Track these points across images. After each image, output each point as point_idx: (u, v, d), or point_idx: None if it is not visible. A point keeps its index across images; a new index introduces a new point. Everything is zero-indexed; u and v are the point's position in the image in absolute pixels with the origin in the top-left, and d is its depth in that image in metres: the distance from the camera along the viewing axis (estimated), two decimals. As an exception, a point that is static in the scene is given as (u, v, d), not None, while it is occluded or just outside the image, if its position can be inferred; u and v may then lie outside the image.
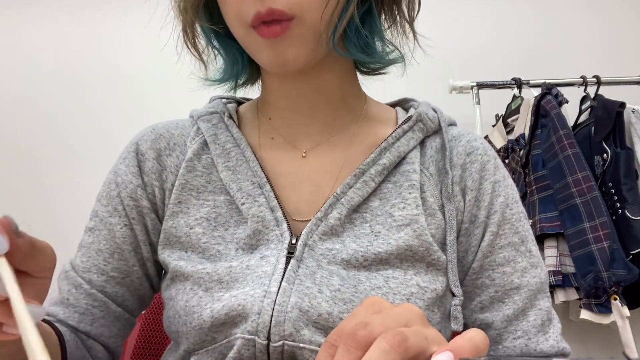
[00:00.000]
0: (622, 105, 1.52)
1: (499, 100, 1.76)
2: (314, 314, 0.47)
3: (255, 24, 0.48)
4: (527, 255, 0.57)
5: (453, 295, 0.54)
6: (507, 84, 1.72)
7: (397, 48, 0.57)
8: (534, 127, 1.59)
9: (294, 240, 0.51)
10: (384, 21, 0.57)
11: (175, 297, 0.53)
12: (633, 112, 1.54)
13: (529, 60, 1.94)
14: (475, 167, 0.58)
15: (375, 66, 0.61)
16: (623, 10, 1.98)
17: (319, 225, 0.52)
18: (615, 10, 1.98)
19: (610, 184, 1.46)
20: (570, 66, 1.81)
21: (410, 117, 0.59)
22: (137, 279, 0.59)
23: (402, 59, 0.58)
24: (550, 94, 1.59)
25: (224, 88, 0.62)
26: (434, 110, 0.61)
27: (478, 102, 1.72)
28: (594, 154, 1.52)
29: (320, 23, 0.49)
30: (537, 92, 1.64)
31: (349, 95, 0.60)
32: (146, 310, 0.90)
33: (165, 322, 0.56)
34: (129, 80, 2.03)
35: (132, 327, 0.61)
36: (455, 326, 0.53)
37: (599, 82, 1.64)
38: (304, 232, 0.52)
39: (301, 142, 0.59)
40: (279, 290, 0.47)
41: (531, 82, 1.69)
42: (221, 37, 0.58)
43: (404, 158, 0.57)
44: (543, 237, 1.48)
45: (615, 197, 1.44)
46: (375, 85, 0.64)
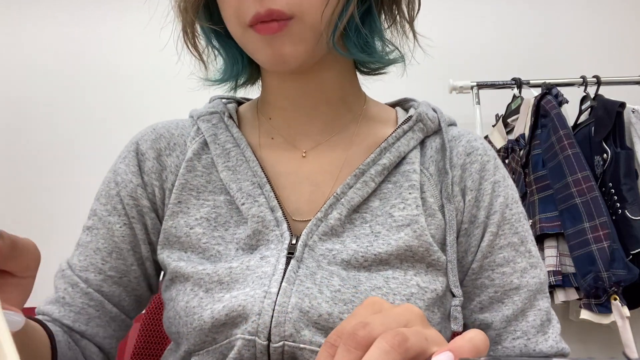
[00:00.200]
0: (622, 105, 1.52)
1: (499, 100, 1.76)
2: (315, 315, 0.47)
3: (253, 23, 0.48)
4: (526, 255, 0.57)
5: (453, 295, 0.54)
6: (507, 84, 1.72)
7: (397, 48, 0.57)
8: (534, 127, 1.59)
9: (294, 241, 0.51)
10: (383, 21, 0.57)
11: (175, 297, 0.53)
12: (633, 112, 1.54)
13: (529, 60, 1.94)
14: (475, 168, 0.58)
15: (375, 66, 0.61)
16: (623, 10, 1.98)
17: (319, 226, 0.52)
18: (615, 10, 1.98)
19: (610, 184, 1.46)
20: (570, 66, 1.80)
21: (411, 117, 0.59)
22: (135, 279, 0.58)
23: (402, 59, 0.57)
24: (550, 94, 1.59)
25: (224, 88, 0.62)
26: (434, 110, 0.61)
27: (478, 102, 1.72)
28: (594, 154, 1.52)
29: (321, 22, 0.49)
30: (537, 92, 1.64)
31: (349, 95, 0.60)
32: (146, 310, 0.90)
33: (165, 323, 0.56)
34: (129, 80, 2.03)
35: (128, 328, 0.60)
36: (455, 326, 0.53)
37: (599, 82, 1.64)
38: (304, 233, 0.52)
39: (301, 142, 0.59)
40: (279, 290, 0.47)
41: (531, 82, 1.69)
42: (221, 37, 0.58)
43: (404, 158, 0.57)
44: (543, 237, 1.48)
45: (615, 197, 1.44)
46: (375, 85, 0.64)
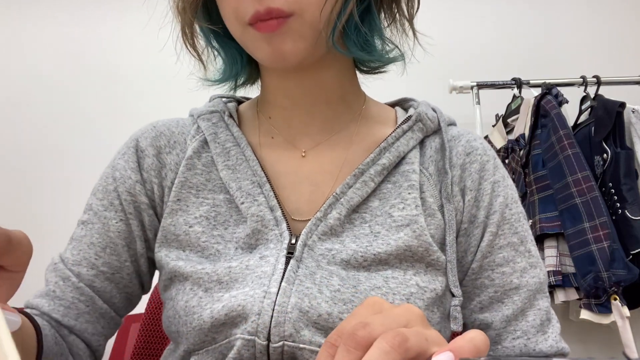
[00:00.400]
0: (622, 105, 1.52)
1: (499, 100, 1.76)
2: (314, 315, 0.47)
3: (253, 21, 0.48)
4: (526, 255, 0.57)
5: (452, 295, 0.54)
6: (507, 84, 1.71)
7: (397, 46, 0.57)
8: (534, 127, 1.59)
9: (293, 240, 0.51)
10: (383, 19, 0.57)
11: (175, 297, 0.53)
12: (633, 112, 1.54)
13: (529, 60, 1.94)
14: (474, 167, 0.58)
15: (375, 65, 0.60)
16: (623, 10, 1.98)
17: (319, 225, 0.52)
18: (615, 10, 1.98)
19: (610, 184, 1.46)
20: (570, 66, 1.80)
21: (410, 117, 0.59)
22: (127, 276, 0.58)
23: (402, 57, 0.57)
24: (550, 94, 1.59)
25: (224, 88, 0.62)
26: (434, 110, 0.61)
27: (478, 102, 1.72)
28: (594, 154, 1.52)
29: (320, 20, 0.49)
30: (537, 92, 1.64)
31: (348, 93, 0.60)
32: (146, 310, 0.90)
33: (164, 322, 0.56)
34: (129, 80, 2.03)
35: (117, 327, 0.60)
36: (455, 326, 0.53)
37: (599, 82, 1.64)
38: (303, 232, 0.52)
39: (301, 141, 0.59)
40: (278, 290, 0.47)
41: (531, 82, 1.69)
42: (220, 37, 0.57)
43: (403, 158, 0.57)
44: (543, 237, 1.48)
45: (615, 197, 1.44)
46: (375, 84, 0.64)
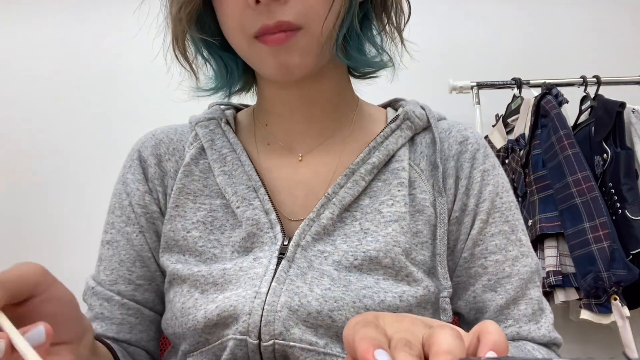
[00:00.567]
0: (622, 105, 1.52)
1: (499, 100, 1.76)
2: (304, 313, 0.47)
3: (260, 35, 0.48)
4: (517, 244, 0.57)
5: (443, 288, 0.54)
6: (507, 84, 1.71)
7: (390, 56, 0.58)
8: (534, 127, 1.59)
9: (286, 242, 0.52)
10: (374, 27, 0.57)
11: (173, 299, 0.54)
12: (633, 112, 1.53)
13: (529, 60, 1.94)
14: (466, 156, 0.58)
15: (368, 70, 0.61)
16: (623, 10, 1.98)
17: (312, 226, 0.53)
18: (615, 10, 1.98)
19: (610, 184, 1.46)
20: (570, 66, 1.80)
21: (398, 116, 0.59)
22: (162, 283, 0.59)
23: (391, 63, 0.58)
24: (550, 94, 1.58)
25: (218, 95, 0.62)
26: (422, 108, 0.62)
27: (478, 102, 1.72)
28: (594, 154, 1.52)
29: (322, 33, 0.49)
30: (537, 92, 1.63)
31: (344, 99, 0.61)
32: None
33: (163, 325, 0.56)
34: (129, 80, 2.03)
35: None
36: (444, 318, 0.54)
37: (599, 82, 1.63)
38: (296, 233, 0.52)
39: (297, 147, 0.59)
40: (269, 290, 0.48)
41: (531, 82, 1.68)
42: (213, 48, 0.57)
43: (393, 156, 0.57)
44: (543, 237, 1.48)
45: (615, 197, 1.44)
46: (374, 85, 0.64)
